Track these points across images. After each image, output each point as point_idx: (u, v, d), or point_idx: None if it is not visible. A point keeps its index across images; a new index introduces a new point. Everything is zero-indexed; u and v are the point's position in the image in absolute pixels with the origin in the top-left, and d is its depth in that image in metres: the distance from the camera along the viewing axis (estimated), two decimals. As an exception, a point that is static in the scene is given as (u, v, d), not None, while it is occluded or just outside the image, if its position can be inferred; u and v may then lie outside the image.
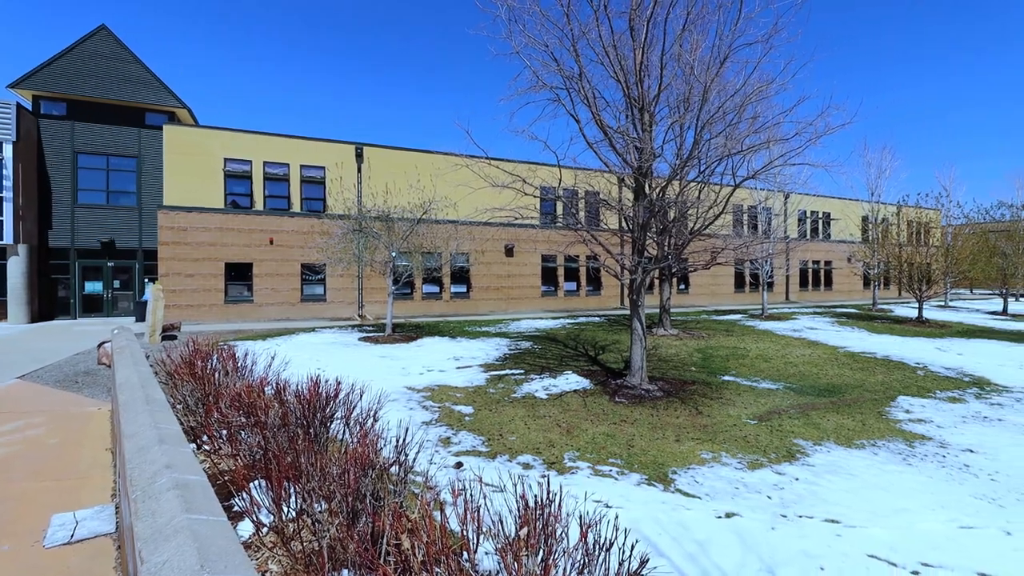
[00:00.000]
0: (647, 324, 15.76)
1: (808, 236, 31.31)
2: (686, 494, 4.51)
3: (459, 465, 5.05)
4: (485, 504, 2.73)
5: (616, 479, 4.86)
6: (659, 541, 3.65)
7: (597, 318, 19.22)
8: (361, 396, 4.44)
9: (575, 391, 8.10)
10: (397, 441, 3.41)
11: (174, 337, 13.22)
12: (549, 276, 23.85)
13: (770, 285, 28.00)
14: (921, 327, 16.62)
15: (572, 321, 18.03)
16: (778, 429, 6.40)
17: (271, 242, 18.83)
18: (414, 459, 3.54)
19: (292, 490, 3.26)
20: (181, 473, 2.18)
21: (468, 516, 2.22)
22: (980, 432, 6.59)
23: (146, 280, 20.14)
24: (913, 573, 3.42)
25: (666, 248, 13.58)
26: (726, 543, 3.67)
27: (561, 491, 2.55)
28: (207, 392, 4.94)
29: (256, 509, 3.07)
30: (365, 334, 14.15)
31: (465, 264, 21.62)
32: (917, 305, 18.92)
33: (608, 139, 8.34)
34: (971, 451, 5.91)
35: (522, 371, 9.52)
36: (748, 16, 7.74)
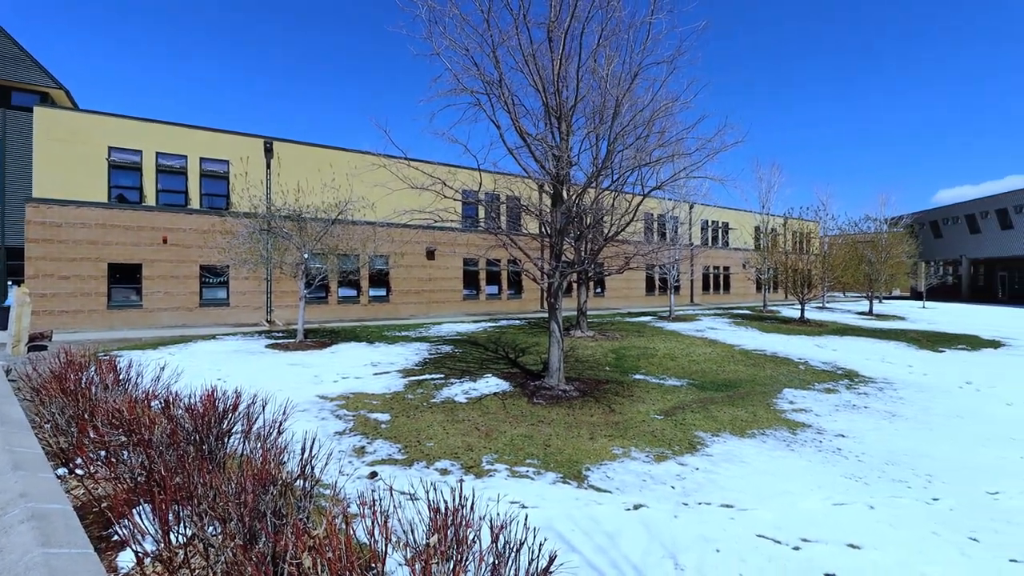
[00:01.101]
0: (565, 326, 16.23)
1: (709, 244, 33.98)
2: (598, 489, 4.69)
3: (373, 475, 4.89)
4: (397, 513, 2.66)
5: (533, 479, 4.94)
6: (572, 537, 3.76)
7: (518, 321, 19.50)
8: (264, 407, 4.16)
9: (495, 394, 8.15)
10: (304, 453, 3.23)
11: (44, 347, 11.61)
12: (471, 279, 23.85)
13: (677, 289, 29.96)
14: (803, 326, 18.59)
15: (493, 324, 18.14)
16: (681, 423, 6.86)
17: (165, 241, 17.15)
18: (322, 471, 3.37)
19: (182, 513, 2.98)
20: (39, 502, 1.92)
21: (377, 528, 2.15)
22: (850, 419, 7.48)
23: (10, 283, 17.52)
24: (794, 548, 3.80)
25: (583, 253, 14.10)
26: (634, 534, 3.86)
27: (474, 495, 2.55)
28: (81, 409, 4.39)
29: (140, 537, 2.77)
30: (274, 341, 13.30)
31: (384, 267, 21.05)
32: (800, 307, 21.14)
33: (527, 146, 8.51)
34: (843, 436, 6.68)
35: (442, 375, 9.42)
36: (656, 37, 8.26)
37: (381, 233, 18.15)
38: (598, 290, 28.41)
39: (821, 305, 29.93)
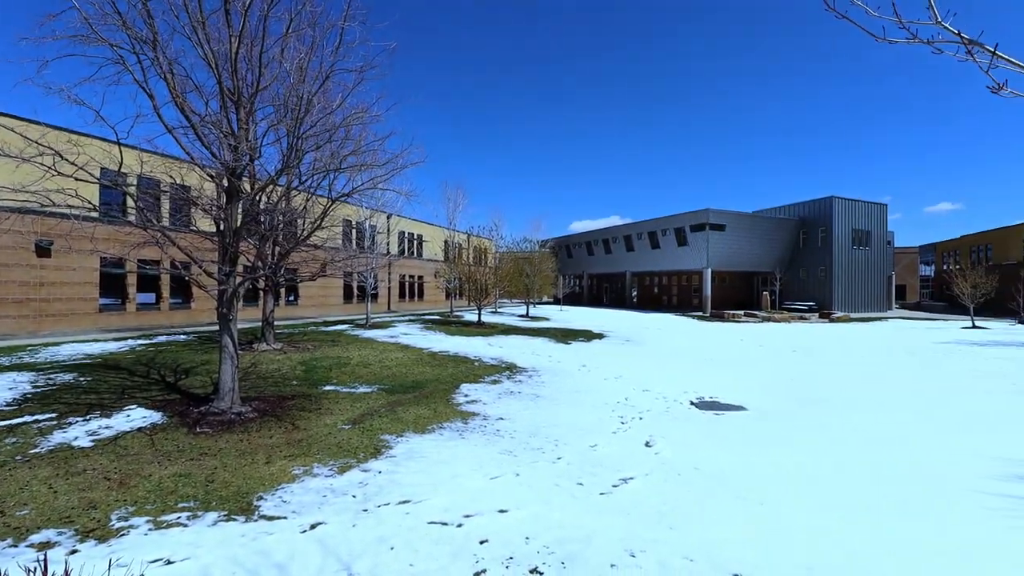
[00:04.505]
0: (248, 339, 14.37)
1: (406, 254, 35.89)
2: (270, 518, 4.27)
3: None
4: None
5: (187, 525, 4.13)
6: (233, 581, 3.30)
7: (185, 336, 16.21)
8: None
9: (140, 429, 6.51)
10: None
11: None
12: (114, 285, 18.59)
13: (375, 296, 30.45)
14: (480, 328, 21.54)
15: (148, 342, 14.56)
16: (368, 429, 6.94)
17: None
18: None
19: None
20: None
21: None
22: (508, 404, 8.99)
23: None
24: (458, 526, 4.28)
25: (271, 257, 12.76)
26: (308, 555, 3.66)
27: (67, 568, 1.93)
28: None
29: None
30: None
31: (-51, 265, 14.34)
32: (478, 312, 24.45)
33: (193, 127, 7.20)
34: (502, 419, 7.96)
35: (53, 415, 6.98)
36: (349, 44, 8.22)
37: (-58, 215, 12.32)
38: (291, 298, 26.30)
39: (494, 310, 35.32)
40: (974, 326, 27.71)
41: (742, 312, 35.12)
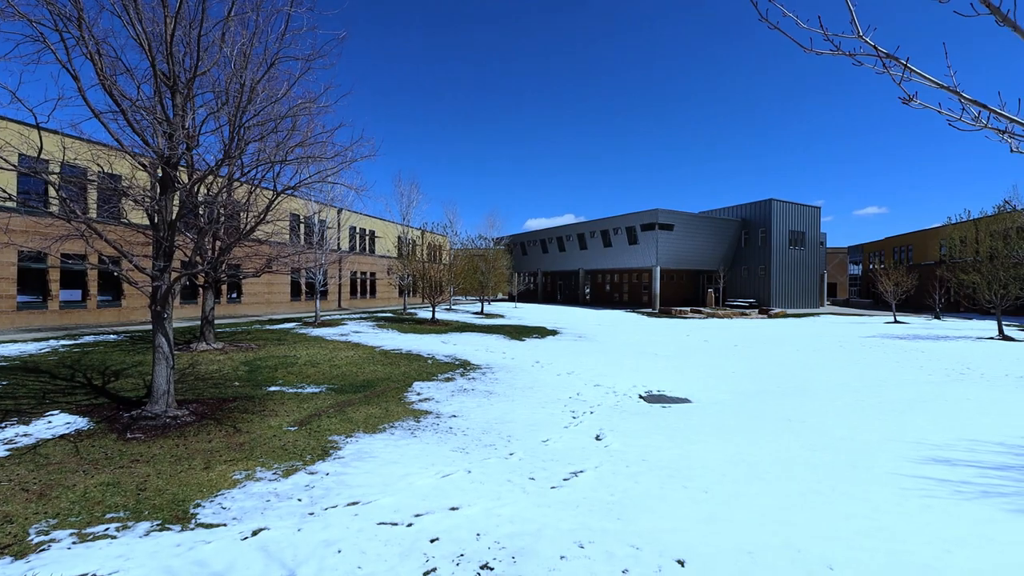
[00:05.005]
0: (187, 339, 13.62)
1: (357, 250, 35.00)
2: (209, 526, 4.07)
3: None
4: None
5: (115, 537, 3.88)
6: (166, 593, 3.13)
7: (115, 336, 15.15)
8: None
9: (63, 436, 6.04)
10: None
11: None
12: (33, 281, 17.13)
13: (324, 293, 29.60)
14: (434, 326, 21.33)
15: (73, 342, 13.51)
16: (316, 430, 6.74)
17: None
18: None
19: None
20: None
21: None
22: (461, 401, 8.96)
23: None
24: (408, 526, 4.23)
25: (211, 252, 12.11)
26: (249, 563, 3.52)
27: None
28: None
29: None
30: None
31: None
32: (432, 309, 24.20)
33: (123, 112, 6.74)
34: (455, 416, 7.92)
35: (-40, 423, 6.37)
36: (296, 31, 7.91)
37: None
38: (233, 295, 25.09)
39: (449, 307, 35.07)
40: (896, 321, 29.98)
41: (688, 309, 36.48)
